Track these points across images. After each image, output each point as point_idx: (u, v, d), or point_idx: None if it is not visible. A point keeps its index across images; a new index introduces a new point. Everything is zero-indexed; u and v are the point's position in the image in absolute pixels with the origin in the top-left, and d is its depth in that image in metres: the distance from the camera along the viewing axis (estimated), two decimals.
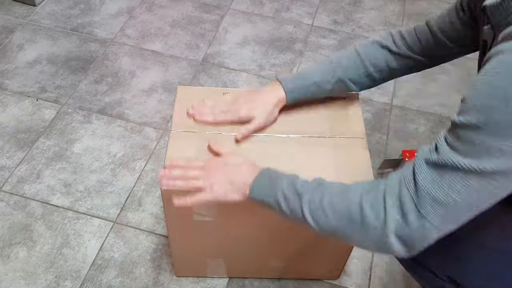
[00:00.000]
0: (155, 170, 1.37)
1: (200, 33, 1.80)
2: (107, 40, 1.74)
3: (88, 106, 1.52)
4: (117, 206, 1.29)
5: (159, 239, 1.23)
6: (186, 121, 0.97)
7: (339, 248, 1.06)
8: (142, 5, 1.89)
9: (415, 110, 1.58)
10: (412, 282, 1.19)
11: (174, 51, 1.72)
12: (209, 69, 1.67)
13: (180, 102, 1.01)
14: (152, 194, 1.32)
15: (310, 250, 1.05)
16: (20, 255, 1.19)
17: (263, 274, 1.16)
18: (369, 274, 1.21)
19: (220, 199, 0.81)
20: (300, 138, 0.96)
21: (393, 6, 1.99)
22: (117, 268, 1.18)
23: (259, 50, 1.75)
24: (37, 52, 1.68)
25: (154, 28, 1.80)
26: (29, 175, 1.34)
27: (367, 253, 1.24)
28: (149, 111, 1.53)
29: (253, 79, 1.65)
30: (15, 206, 1.28)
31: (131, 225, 1.26)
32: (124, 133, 1.46)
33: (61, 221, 1.25)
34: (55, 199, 1.29)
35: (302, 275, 1.16)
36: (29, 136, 1.43)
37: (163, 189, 0.87)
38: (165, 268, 1.18)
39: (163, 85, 1.61)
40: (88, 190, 1.32)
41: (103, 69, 1.64)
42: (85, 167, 1.37)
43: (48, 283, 1.14)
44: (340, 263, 1.12)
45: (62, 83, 1.59)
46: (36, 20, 1.79)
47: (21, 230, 1.23)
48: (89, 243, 1.22)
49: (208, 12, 1.89)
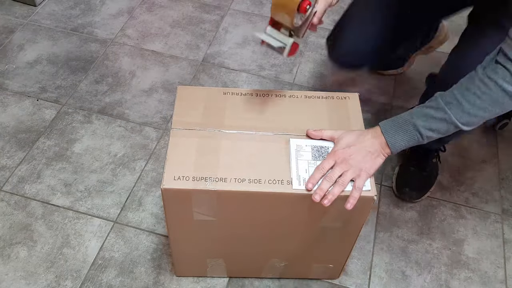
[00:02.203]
0: (155, 170, 1.37)
1: (200, 33, 1.80)
2: (107, 40, 1.74)
3: (89, 106, 1.53)
4: (118, 206, 1.29)
5: (159, 239, 1.24)
6: (186, 119, 0.97)
7: (339, 248, 1.06)
8: (142, 5, 1.89)
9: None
10: (411, 282, 1.20)
11: (174, 51, 1.72)
12: (209, 69, 1.67)
13: (180, 101, 1.01)
14: (153, 194, 1.32)
15: (310, 250, 1.05)
16: (21, 255, 1.19)
17: (263, 274, 1.16)
18: (369, 274, 1.21)
19: (373, 172, 0.89)
20: (300, 138, 0.96)
21: None
22: (118, 268, 1.18)
23: (259, 50, 1.75)
24: (38, 52, 1.68)
25: (154, 28, 1.80)
26: (30, 175, 1.34)
27: (367, 253, 1.24)
28: (149, 111, 1.53)
29: (253, 79, 1.65)
30: (15, 206, 1.28)
31: (132, 225, 1.26)
32: (124, 133, 1.46)
33: (61, 221, 1.26)
34: (55, 199, 1.30)
35: (302, 274, 1.17)
36: (30, 136, 1.44)
37: (163, 188, 0.87)
38: (165, 267, 1.18)
39: (163, 85, 1.61)
40: (89, 190, 1.32)
41: (104, 69, 1.64)
42: (86, 167, 1.37)
43: (49, 282, 1.15)
44: (340, 263, 1.12)
45: (63, 83, 1.59)
46: (36, 20, 1.79)
47: (21, 230, 1.23)
48: (89, 243, 1.22)
49: (208, 12, 1.89)
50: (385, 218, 1.31)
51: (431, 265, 1.23)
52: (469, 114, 0.86)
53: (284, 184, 0.88)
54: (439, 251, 1.26)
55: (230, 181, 0.88)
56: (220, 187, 0.88)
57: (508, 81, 0.82)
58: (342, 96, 1.03)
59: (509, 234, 1.30)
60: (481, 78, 0.85)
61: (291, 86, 1.63)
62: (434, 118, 0.87)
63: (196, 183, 0.88)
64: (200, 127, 0.96)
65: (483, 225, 1.32)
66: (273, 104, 1.02)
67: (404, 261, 1.24)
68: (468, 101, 0.85)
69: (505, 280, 1.22)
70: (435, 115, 0.87)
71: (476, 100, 0.85)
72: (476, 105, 0.85)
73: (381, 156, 0.91)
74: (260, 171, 0.90)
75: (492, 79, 0.83)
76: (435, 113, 0.87)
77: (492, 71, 0.84)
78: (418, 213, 1.33)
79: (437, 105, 0.88)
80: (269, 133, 0.96)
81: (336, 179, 0.87)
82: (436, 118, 0.87)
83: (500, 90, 0.83)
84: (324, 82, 1.65)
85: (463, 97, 0.85)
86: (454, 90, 0.87)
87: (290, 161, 0.91)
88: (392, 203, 1.35)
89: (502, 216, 1.34)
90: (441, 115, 0.87)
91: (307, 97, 1.03)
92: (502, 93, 0.83)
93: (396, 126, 0.90)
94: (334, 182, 0.87)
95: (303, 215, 0.94)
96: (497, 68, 0.83)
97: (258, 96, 1.03)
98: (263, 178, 0.89)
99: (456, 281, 1.21)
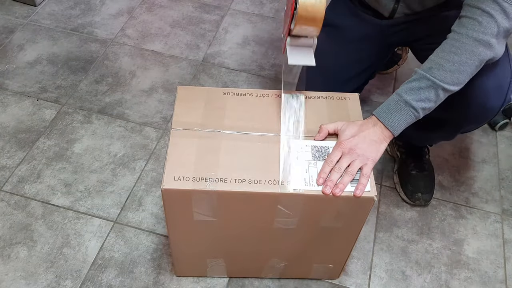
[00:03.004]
0: (155, 170, 1.37)
1: (200, 33, 1.80)
2: (107, 40, 1.74)
3: (89, 106, 1.53)
4: (118, 206, 1.29)
5: (159, 239, 1.24)
6: (186, 119, 0.97)
7: (339, 248, 1.06)
8: (142, 5, 1.89)
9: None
10: (412, 282, 1.20)
11: (174, 51, 1.72)
12: (209, 69, 1.67)
13: (180, 102, 1.01)
14: (152, 194, 1.32)
15: (310, 250, 1.05)
16: (21, 255, 1.19)
17: (263, 274, 1.16)
18: (368, 274, 1.21)
19: (378, 158, 0.91)
20: (299, 138, 0.96)
21: None
22: (118, 268, 1.18)
23: (259, 50, 1.75)
24: (38, 52, 1.68)
25: (154, 28, 1.80)
26: (30, 175, 1.34)
27: (367, 253, 1.24)
28: (149, 111, 1.53)
29: (253, 79, 1.65)
30: (15, 206, 1.28)
31: (132, 225, 1.26)
32: (124, 133, 1.46)
33: (61, 221, 1.26)
34: (55, 199, 1.30)
35: (302, 274, 1.17)
36: (30, 136, 1.44)
37: (164, 188, 0.87)
38: (165, 267, 1.18)
39: (163, 85, 1.61)
40: (89, 190, 1.32)
41: (104, 69, 1.64)
42: (86, 167, 1.37)
43: (49, 282, 1.15)
44: (340, 263, 1.12)
45: (63, 83, 1.59)
46: (36, 20, 1.79)
47: (21, 230, 1.23)
48: (89, 243, 1.22)
49: (208, 12, 1.89)
50: (385, 218, 1.31)
51: (431, 265, 1.23)
52: (451, 72, 0.88)
53: (284, 185, 0.88)
54: (439, 251, 1.26)
55: (230, 182, 0.88)
56: (220, 188, 0.88)
57: (477, 30, 0.86)
58: (342, 97, 1.04)
59: (509, 234, 1.30)
60: (452, 36, 0.89)
61: None
62: (421, 88, 0.90)
63: (196, 184, 0.88)
64: (200, 127, 0.96)
65: (483, 225, 1.32)
66: (273, 104, 1.02)
67: (404, 261, 1.24)
68: (447, 59, 0.88)
69: (505, 280, 1.22)
70: (420, 85, 0.90)
71: (454, 56, 0.88)
72: (455, 62, 0.88)
73: (384, 142, 0.92)
74: (260, 172, 0.90)
75: (463, 34, 0.88)
76: (419, 84, 0.90)
77: (462, 26, 0.88)
78: (418, 213, 1.33)
79: (419, 76, 0.91)
80: (269, 133, 0.96)
81: (344, 169, 0.89)
82: (423, 88, 0.89)
83: (472, 40, 0.87)
84: None
85: (441, 58, 0.89)
86: (431, 57, 0.91)
87: (290, 162, 0.91)
88: (392, 203, 1.35)
89: (502, 216, 1.34)
90: (426, 83, 0.89)
91: (307, 97, 1.03)
92: (475, 42, 0.87)
93: (389, 109, 0.92)
94: (343, 172, 0.89)
95: (303, 215, 0.94)
96: (464, 22, 0.88)
97: (258, 96, 1.03)
98: (263, 179, 0.89)
99: (456, 281, 1.21)
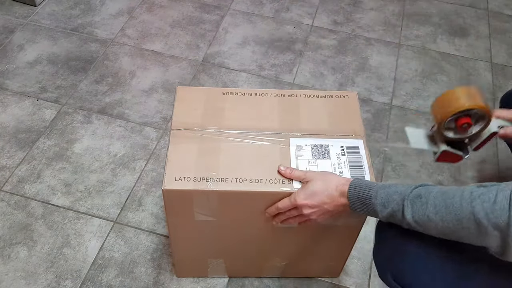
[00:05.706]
0: (155, 170, 1.37)
1: (200, 33, 1.80)
2: (107, 40, 1.74)
3: (89, 106, 1.53)
4: (118, 206, 1.29)
5: (160, 239, 1.24)
6: (186, 120, 0.97)
7: (339, 247, 1.06)
8: (142, 5, 1.89)
9: (414, 110, 1.59)
10: None
11: (174, 51, 1.72)
12: (209, 69, 1.67)
13: (179, 102, 1.01)
14: (153, 194, 1.32)
15: (310, 249, 1.06)
16: (21, 255, 1.19)
17: (263, 274, 1.16)
18: (368, 274, 1.21)
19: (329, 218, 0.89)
20: (300, 137, 0.96)
21: (393, 6, 1.99)
22: (118, 268, 1.18)
23: (259, 50, 1.75)
24: (38, 52, 1.68)
25: (154, 28, 1.81)
26: (30, 175, 1.34)
27: (367, 252, 1.24)
28: (149, 111, 1.53)
29: (253, 79, 1.65)
30: (15, 206, 1.28)
31: (132, 225, 1.26)
32: (124, 133, 1.46)
33: (61, 221, 1.26)
34: (55, 199, 1.30)
35: (303, 273, 1.17)
36: (30, 136, 1.44)
37: (165, 189, 0.87)
38: (165, 268, 1.18)
39: (163, 85, 1.61)
40: (89, 190, 1.32)
41: (103, 69, 1.65)
42: (86, 167, 1.37)
43: (49, 282, 1.15)
44: (340, 261, 1.12)
45: (63, 83, 1.59)
46: (36, 20, 1.79)
47: (21, 230, 1.23)
48: (89, 243, 1.22)
49: (208, 12, 1.89)
50: None
51: None
52: (427, 217, 0.73)
53: (285, 184, 0.88)
54: None
55: (231, 181, 0.88)
56: (221, 187, 0.88)
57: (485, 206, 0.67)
58: (341, 95, 1.04)
59: None
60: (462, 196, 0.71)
61: (291, 86, 1.63)
62: (394, 201, 0.77)
63: (197, 184, 0.88)
64: (200, 127, 0.96)
65: None
66: (273, 104, 1.02)
67: None
68: (435, 205, 0.72)
69: None
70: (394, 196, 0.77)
71: (442, 209, 0.71)
72: (439, 213, 0.71)
73: (341, 214, 0.88)
74: (261, 171, 0.90)
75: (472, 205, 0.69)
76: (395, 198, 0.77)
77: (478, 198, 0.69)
78: None
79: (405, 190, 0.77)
80: (269, 132, 0.96)
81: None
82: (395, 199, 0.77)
83: (470, 211, 0.68)
84: (324, 82, 1.65)
85: (434, 199, 0.73)
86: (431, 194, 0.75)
87: (290, 161, 0.92)
88: None
89: None
90: (399, 199, 0.76)
91: (307, 96, 1.03)
92: (470, 215, 0.68)
93: (360, 198, 0.82)
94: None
95: None
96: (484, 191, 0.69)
97: (257, 96, 1.03)
98: (264, 178, 0.89)
99: None
